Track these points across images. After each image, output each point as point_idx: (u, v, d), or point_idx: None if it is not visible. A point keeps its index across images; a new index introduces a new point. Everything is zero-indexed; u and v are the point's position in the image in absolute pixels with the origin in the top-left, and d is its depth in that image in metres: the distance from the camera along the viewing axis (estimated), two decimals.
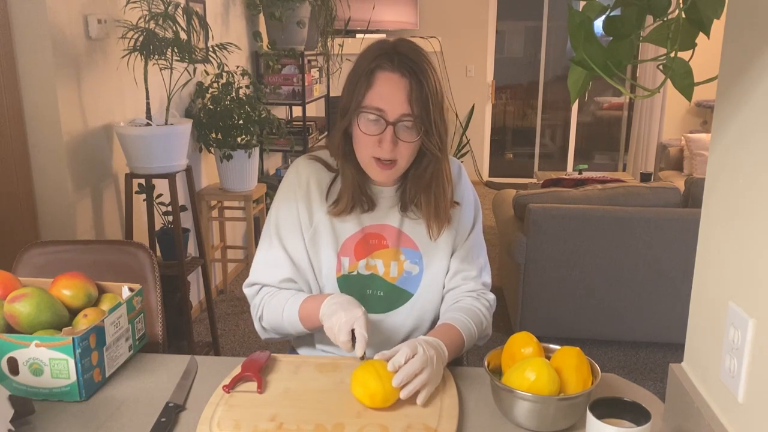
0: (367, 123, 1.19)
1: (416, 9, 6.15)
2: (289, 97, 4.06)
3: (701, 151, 5.18)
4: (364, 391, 1.03)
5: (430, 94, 1.18)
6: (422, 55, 1.21)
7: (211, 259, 3.53)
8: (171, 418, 1.04)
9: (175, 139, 2.51)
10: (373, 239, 1.31)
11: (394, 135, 1.19)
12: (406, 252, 1.32)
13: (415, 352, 1.07)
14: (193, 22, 2.46)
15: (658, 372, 2.89)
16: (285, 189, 1.34)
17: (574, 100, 0.88)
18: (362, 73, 1.19)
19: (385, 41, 1.23)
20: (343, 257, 1.31)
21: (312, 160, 1.35)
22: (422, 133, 1.20)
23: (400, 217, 1.32)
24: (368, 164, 1.24)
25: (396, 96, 1.17)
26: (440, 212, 1.28)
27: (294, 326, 1.27)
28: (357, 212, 1.30)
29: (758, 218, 0.76)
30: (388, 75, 1.18)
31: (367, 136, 1.20)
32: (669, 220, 2.86)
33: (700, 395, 0.90)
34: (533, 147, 6.96)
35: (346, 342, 1.12)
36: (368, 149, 1.21)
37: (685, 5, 0.80)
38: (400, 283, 1.32)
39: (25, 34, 2.15)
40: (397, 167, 1.23)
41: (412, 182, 1.29)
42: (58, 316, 1.16)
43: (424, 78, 1.18)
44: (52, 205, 2.31)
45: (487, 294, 1.37)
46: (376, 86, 1.18)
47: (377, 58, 1.19)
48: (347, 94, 1.23)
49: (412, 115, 1.18)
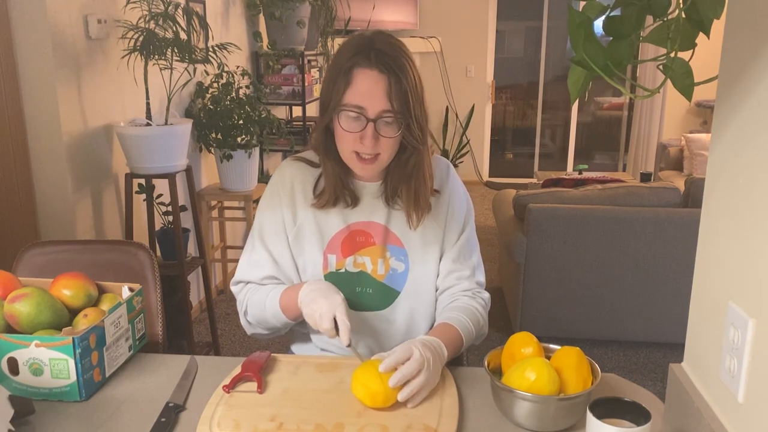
0: (348, 120, 1.20)
1: (416, 9, 6.15)
2: (289, 97, 4.06)
3: (701, 151, 5.18)
4: (365, 391, 1.03)
5: (410, 89, 1.19)
6: (400, 49, 1.21)
7: (211, 259, 3.53)
8: (171, 418, 1.04)
9: (175, 139, 2.51)
10: (360, 236, 1.32)
11: (375, 131, 1.19)
12: (392, 249, 1.32)
13: (410, 354, 1.07)
14: (193, 22, 2.46)
15: (658, 372, 2.89)
16: (269, 193, 1.35)
17: (574, 100, 0.88)
18: (340, 71, 1.19)
19: (362, 36, 1.23)
20: (329, 255, 1.31)
21: (295, 161, 1.36)
22: (403, 127, 1.21)
23: (387, 213, 1.32)
24: (350, 159, 1.25)
25: (375, 93, 1.18)
26: (420, 201, 1.29)
27: (277, 317, 1.28)
28: (341, 207, 1.31)
29: (758, 218, 0.76)
30: (366, 72, 1.18)
31: (349, 133, 1.20)
32: (669, 220, 2.86)
33: (700, 395, 0.90)
34: (533, 147, 6.96)
35: (329, 329, 1.14)
36: (350, 145, 1.22)
37: (685, 5, 0.80)
38: (387, 280, 1.32)
39: (25, 34, 2.15)
40: (379, 161, 1.24)
41: (394, 174, 1.30)
42: (58, 316, 1.16)
43: (402, 73, 1.18)
44: (52, 205, 2.31)
45: (482, 293, 1.37)
46: (354, 84, 1.18)
47: (355, 56, 1.18)
48: (326, 91, 1.23)
49: (392, 110, 1.19)
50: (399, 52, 1.20)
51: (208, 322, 2.99)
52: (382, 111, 1.18)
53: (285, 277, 1.34)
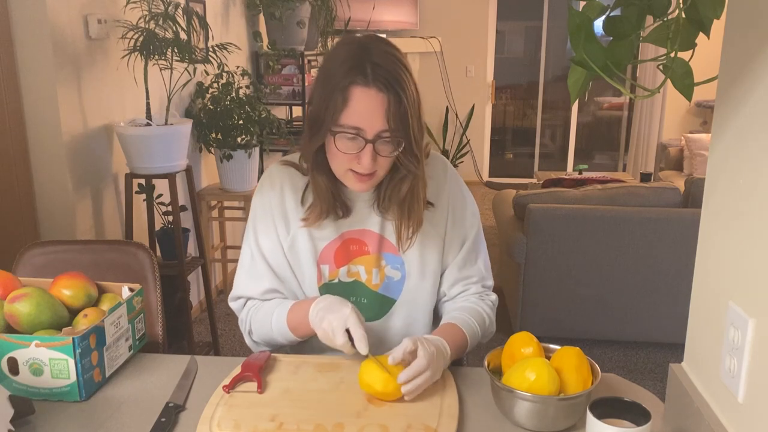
0: (344, 141, 1.13)
1: (416, 9, 6.15)
2: (289, 97, 4.06)
3: (701, 151, 5.18)
4: (376, 379, 1.04)
5: (409, 106, 1.12)
6: (397, 60, 1.13)
7: (211, 259, 3.53)
8: (171, 418, 1.04)
9: (175, 139, 2.51)
10: (354, 245, 1.28)
11: (373, 152, 1.13)
12: (387, 257, 1.28)
13: (415, 345, 1.07)
14: (193, 22, 2.46)
15: (658, 372, 2.89)
16: (260, 198, 1.30)
17: (574, 100, 0.88)
18: (336, 88, 1.11)
19: (355, 45, 1.15)
20: (322, 265, 1.27)
21: (285, 166, 1.31)
22: (401, 147, 1.15)
23: (381, 221, 1.28)
24: (344, 176, 1.20)
25: (374, 114, 1.11)
26: (412, 222, 1.24)
27: (286, 337, 1.24)
28: (332, 218, 1.26)
29: (758, 218, 0.76)
30: (364, 91, 1.10)
31: (345, 154, 1.15)
32: (669, 220, 2.86)
33: (700, 395, 0.90)
34: (533, 147, 6.96)
35: (344, 344, 1.11)
36: (345, 164, 1.17)
37: (685, 5, 0.80)
38: (383, 290, 1.29)
39: (25, 34, 2.15)
40: (376, 177, 1.19)
41: (388, 194, 1.24)
42: (58, 316, 1.16)
43: (402, 91, 1.11)
44: (52, 205, 2.31)
45: (490, 295, 1.36)
46: (352, 104, 1.11)
47: (350, 71, 1.10)
48: (319, 108, 1.14)
49: (390, 129, 1.12)
50: (397, 65, 1.12)
51: (208, 322, 2.99)
52: (380, 131, 1.12)
53: (287, 289, 1.30)
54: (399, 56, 1.15)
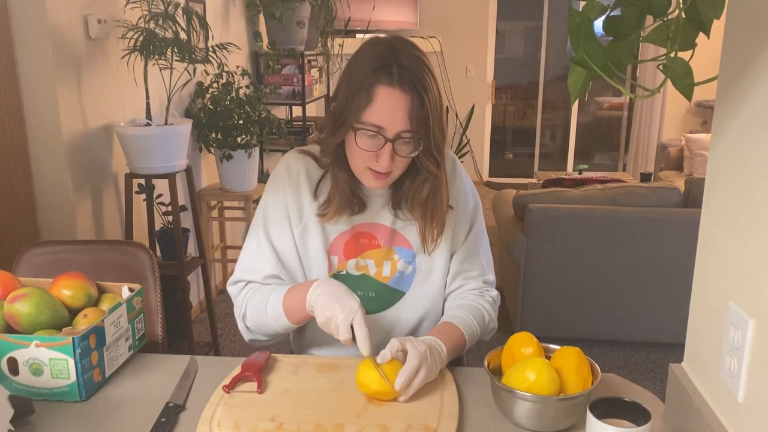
0: (365, 138, 1.16)
1: (416, 9, 6.15)
2: (289, 97, 4.06)
3: (701, 151, 5.18)
4: (372, 378, 1.04)
5: (431, 109, 1.14)
6: (423, 63, 1.15)
7: (211, 259, 3.53)
8: (171, 418, 1.04)
9: (175, 139, 2.51)
10: (364, 239, 1.29)
11: (392, 151, 1.16)
12: (400, 251, 1.30)
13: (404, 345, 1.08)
14: (193, 22, 2.46)
15: (658, 372, 2.89)
16: (274, 182, 1.31)
17: (574, 100, 0.88)
18: (361, 86, 1.13)
19: (383, 45, 1.17)
20: (332, 256, 1.29)
21: (302, 154, 1.31)
22: (420, 148, 1.17)
23: (393, 216, 1.30)
24: (362, 173, 1.22)
25: (396, 114, 1.13)
26: (436, 226, 1.26)
27: (279, 321, 1.23)
28: (348, 213, 1.28)
29: (758, 218, 0.76)
30: (388, 91, 1.12)
31: (364, 151, 1.17)
32: (669, 220, 2.86)
33: (700, 395, 0.90)
34: (533, 147, 6.96)
35: (347, 340, 1.10)
36: (363, 162, 1.19)
37: (685, 5, 0.80)
38: (393, 283, 1.30)
39: (25, 34, 2.15)
40: (391, 176, 1.22)
41: (410, 195, 1.26)
42: (58, 316, 1.16)
43: (425, 93, 1.13)
44: (52, 205, 2.31)
45: (491, 291, 1.36)
46: (375, 102, 1.13)
47: (376, 71, 1.12)
48: (344, 103, 1.17)
49: (411, 130, 1.15)
50: (423, 68, 1.14)
51: (208, 322, 2.99)
52: (401, 131, 1.14)
53: (289, 276, 1.29)
54: (425, 60, 1.17)
